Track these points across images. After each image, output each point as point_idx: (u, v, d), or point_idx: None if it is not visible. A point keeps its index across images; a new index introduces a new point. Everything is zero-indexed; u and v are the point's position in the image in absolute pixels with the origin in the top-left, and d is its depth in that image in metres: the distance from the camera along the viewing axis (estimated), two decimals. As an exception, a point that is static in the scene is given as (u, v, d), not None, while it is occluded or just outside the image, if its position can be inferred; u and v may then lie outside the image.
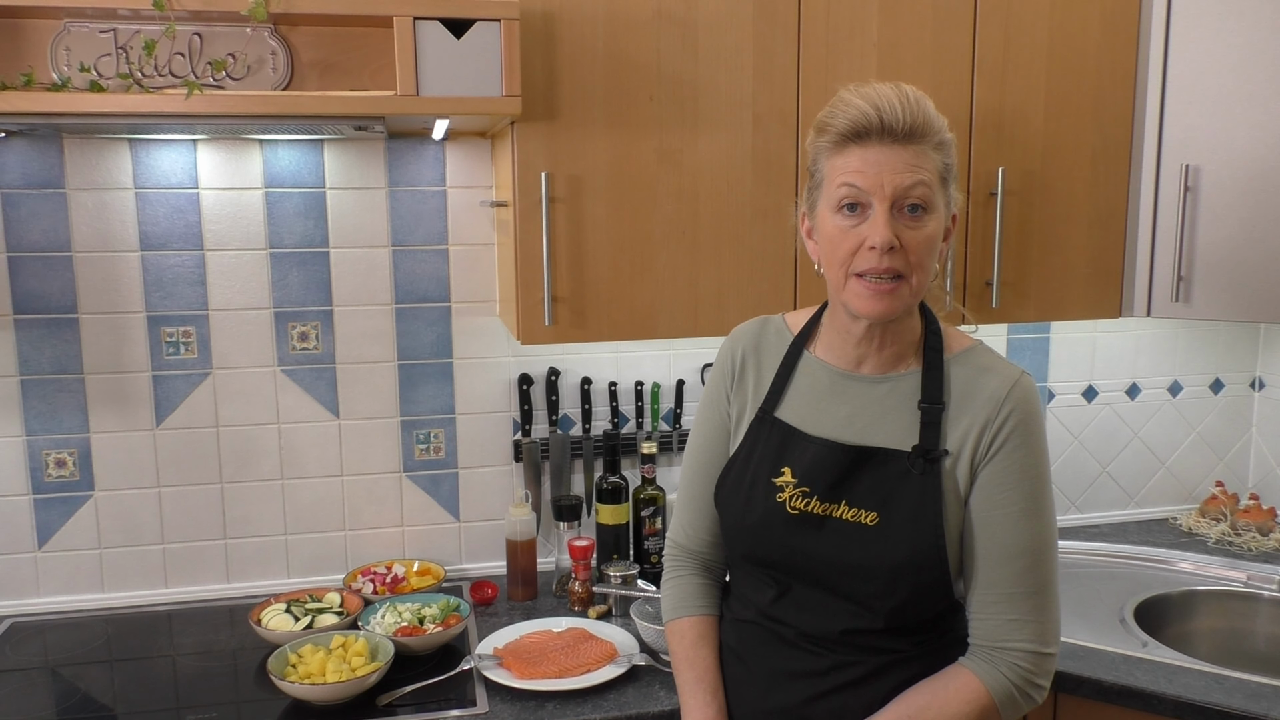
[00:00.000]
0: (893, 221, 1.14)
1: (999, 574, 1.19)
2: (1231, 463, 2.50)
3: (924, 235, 1.16)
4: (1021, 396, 1.20)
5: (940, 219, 1.18)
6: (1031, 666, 1.19)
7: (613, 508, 2.06)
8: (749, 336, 1.38)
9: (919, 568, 1.18)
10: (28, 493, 1.97)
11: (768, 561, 1.28)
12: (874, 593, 1.20)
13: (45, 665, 1.78)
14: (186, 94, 1.53)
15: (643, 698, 1.60)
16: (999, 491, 1.19)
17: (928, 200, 1.15)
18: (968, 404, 1.22)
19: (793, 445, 1.27)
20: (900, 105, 1.13)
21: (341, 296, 2.04)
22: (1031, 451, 1.20)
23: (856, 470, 1.22)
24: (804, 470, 1.25)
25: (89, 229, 1.92)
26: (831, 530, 1.22)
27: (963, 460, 1.20)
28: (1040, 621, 1.19)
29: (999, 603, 1.19)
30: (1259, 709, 1.53)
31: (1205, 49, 1.89)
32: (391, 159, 2.02)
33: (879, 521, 1.20)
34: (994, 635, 1.20)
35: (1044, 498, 1.20)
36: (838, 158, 1.17)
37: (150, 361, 1.98)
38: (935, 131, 1.16)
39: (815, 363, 1.31)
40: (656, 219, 1.78)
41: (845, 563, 1.21)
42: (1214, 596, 2.06)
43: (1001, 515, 1.19)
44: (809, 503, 1.23)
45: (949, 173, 1.19)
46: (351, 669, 1.61)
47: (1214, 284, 1.93)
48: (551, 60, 1.70)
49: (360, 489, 2.10)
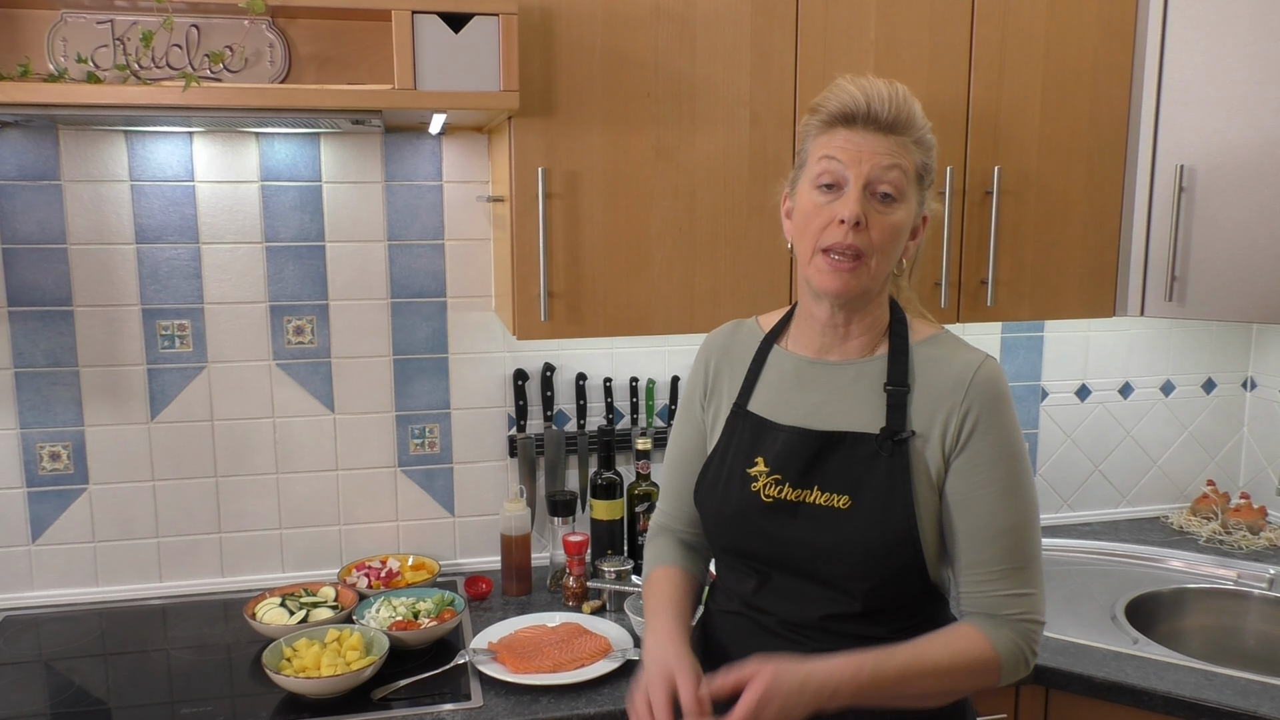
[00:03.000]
0: (864, 202, 1.19)
1: (986, 554, 1.21)
2: (1223, 462, 2.52)
3: (890, 221, 1.21)
4: (985, 378, 1.22)
5: (909, 212, 1.23)
6: (1029, 634, 1.22)
7: (607, 503, 2.07)
8: (720, 342, 1.42)
9: (892, 548, 1.20)
10: (22, 486, 1.96)
11: (747, 552, 1.30)
12: (849, 575, 1.22)
13: (39, 659, 1.78)
14: (184, 86, 1.52)
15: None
16: (976, 474, 1.21)
17: (900, 189, 1.20)
18: (933, 387, 1.24)
19: (764, 435, 1.30)
20: (889, 97, 1.20)
21: (337, 291, 2.04)
22: (1003, 431, 1.22)
23: (826, 455, 1.24)
24: (775, 458, 1.27)
25: (84, 221, 1.92)
26: (805, 516, 1.24)
27: (932, 443, 1.22)
28: (1032, 593, 1.22)
29: (989, 580, 1.22)
30: (1248, 705, 1.54)
31: (1201, 50, 1.90)
32: (388, 153, 2.02)
33: (851, 505, 1.21)
34: (989, 608, 1.22)
35: (1021, 474, 1.22)
36: (823, 137, 1.23)
37: (145, 355, 1.97)
38: (918, 128, 1.22)
39: (784, 354, 1.34)
40: (653, 216, 1.78)
41: (820, 546, 1.22)
42: (1204, 594, 2.07)
43: (981, 496, 1.21)
44: (782, 490, 1.25)
45: (926, 172, 1.25)
46: (346, 663, 1.62)
47: (1207, 284, 1.94)
48: (549, 56, 1.70)
49: (355, 483, 2.10)
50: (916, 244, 1.29)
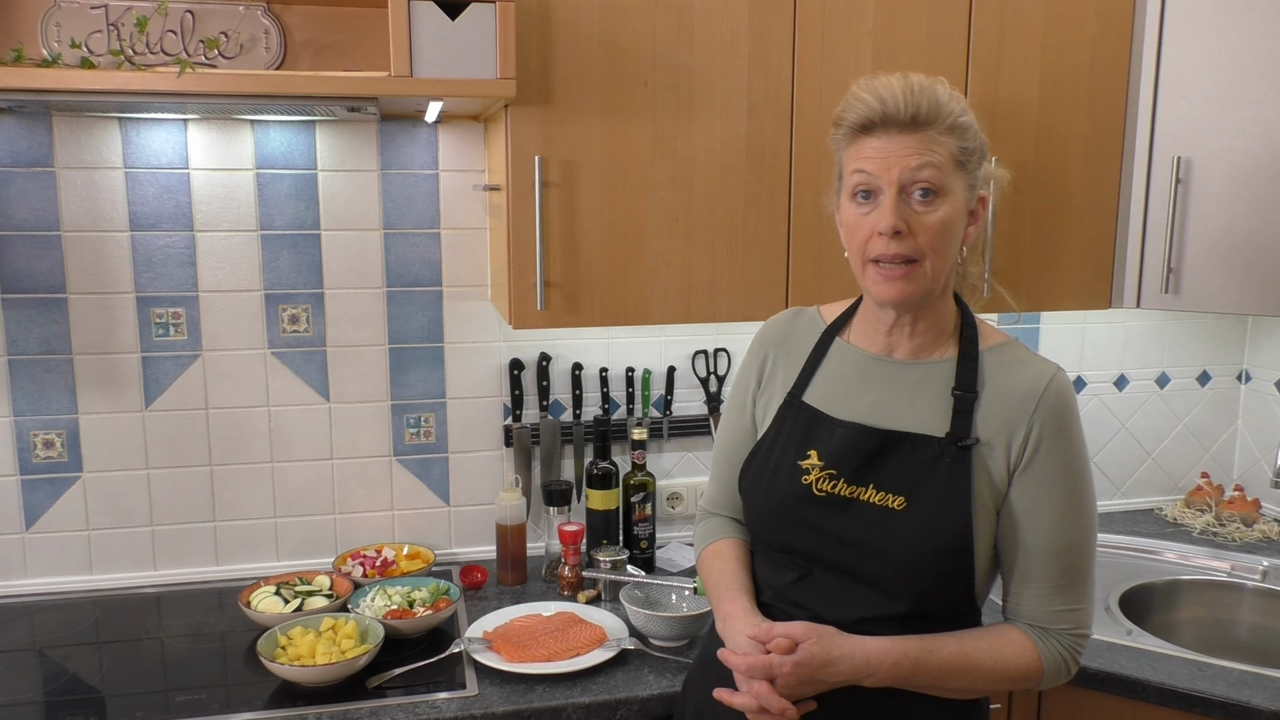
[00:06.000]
0: (901, 207, 1.16)
1: (1043, 570, 1.20)
2: (1217, 454, 2.52)
3: (935, 219, 1.17)
4: (1056, 392, 1.21)
5: (956, 203, 1.19)
6: (1075, 646, 1.22)
7: (603, 493, 2.07)
8: (778, 331, 1.41)
9: (944, 555, 1.18)
10: (15, 473, 1.96)
11: (790, 545, 1.28)
12: (898, 578, 1.20)
13: (33, 647, 1.78)
14: (178, 72, 1.51)
15: (631, 681, 1.61)
16: (1041, 489, 1.20)
17: (937, 183, 1.17)
18: (1001, 396, 1.22)
19: (819, 429, 1.28)
20: (903, 95, 1.16)
21: (332, 279, 2.03)
22: (1070, 448, 1.20)
23: (884, 454, 1.23)
24: (831, 453, 1.26)
25: (78, 208, 1.91)
26: (858, 513, 1.22)
27: (996, 453, 1.20)
28: (1082, 609, 1.22)
29: (1043, 595, 1.21)
30: (1241, 696, 1.55)
31: (1198, 42, 1.89)
32: (384, 141, 2.01)
33: (906, 506, 1.20)
34: (1039, 620, 1.22)
35: (1085, 492, 1.22)
36: (851, 149, 1.22)
37: (139, 343, 1.97)
38: (945, 116, 1.18)
39: (846, 348, 1.32)
40: (650, 205, 1.78)
41: (871, 545, 1.21)
42: (1198, 586, 2.08)
43: (1044, 513, 1.20)
44: (836, 485, 1.24)
45: (968, 156, 1.20)
46: (341, 651, 1.61)
47: (1203, 276, 1.94)
48: (547, 44, 1.69)
49: (350, 472, 2.10)
50: (978, 227, 1.25)
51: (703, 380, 2.23)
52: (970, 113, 1.22)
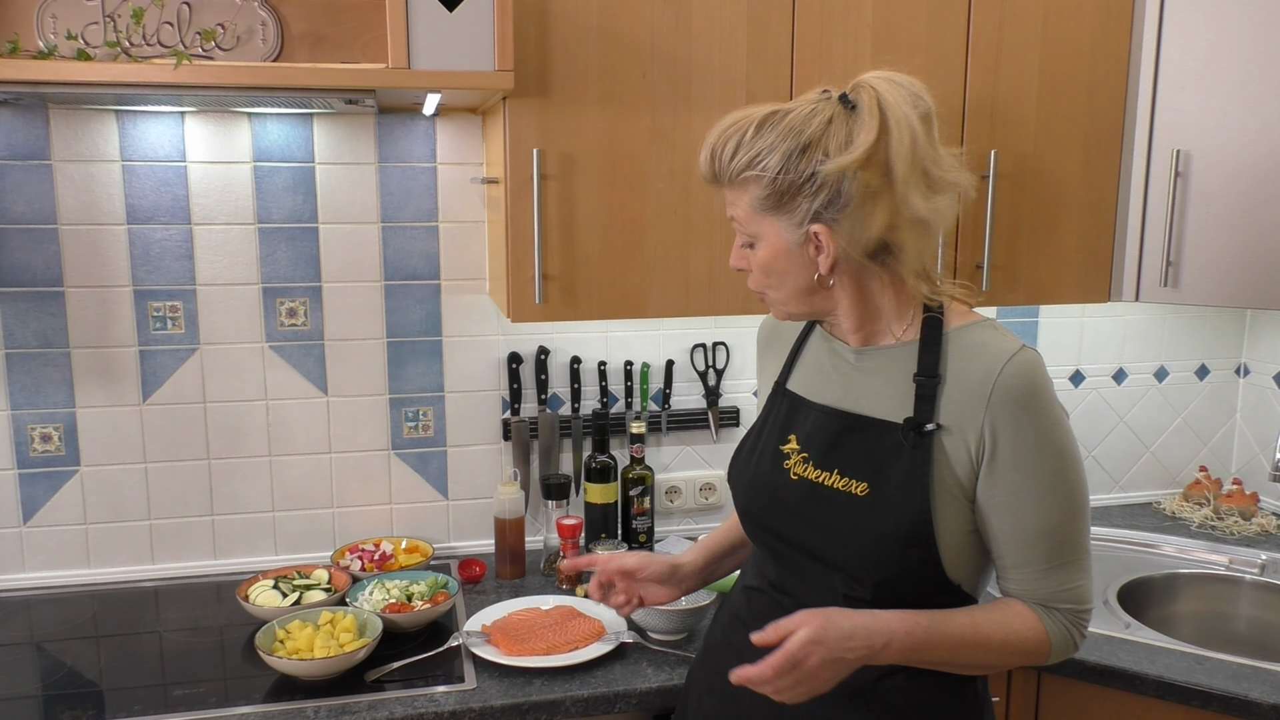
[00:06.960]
0: (740, 249, 1.26)
1: (1030, 554, 1.18)
2: (1215, 448, 2.52)
3: (756, 262, 1.24)
4: (1013, 373, 1.16)
5: (772, 243, 1.21)
6: (1078, 620, 1.21)
7: (601, 487, 2.07)
8: (768, 327, 1.47)
9: (905, 541, 1.17)
10: (13, 467, 1.95)
11: (771, 529, 1.30)
12: (862, 564, 1.20)
13: (30, 641, 1.78)
14: (175, 64, 1.51)
15: (630, 675, 1.61)
16: (1010, 474, 1.16)
17: (747, 231, 1.23)
18: (963, 380, 1.19)
19: (797, 413, 1.31)
20: (705, 156, 1.22)
21: (330, 273, 2.03)
22: (1039, 430, 1.16)
23: (849, 438, 1.23)
24: (806, 436, 1.28)
25: (75, 201, 1.90)
26: (825, 499, 1.23)
27: (959, 438, 1.17)
28: (1080, 584, 1.20)
29: (1036, 578, 1.19)
30: (1239, 689, 1.55)
31: (1198, 35, 1.89)
32: (382, 134, 2.00)
33: (869, 492, 1.20)
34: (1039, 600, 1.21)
35: (1064, 469, 1.18)
36: None
37: (137, 336, 1.96)
38: (734, 172, 1.19)
39: (822, 336, 1.34)
40: (648, 198, 1.77)
41: (838, 532, 1.21)
42: (1196, 579, 2.08)
43: (1018, 499, 1.17)
44: (807, 469, 1.26)
45: (773, 200, 1.18)
46: (340, 645, 1.61)
47: (1202, 270, 1.93)
48: (545, 36, 1.69)
49: (348, 466, 2.10)
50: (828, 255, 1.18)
51: (701, 374, 2.22)
52: (777, 150, 1.15)
